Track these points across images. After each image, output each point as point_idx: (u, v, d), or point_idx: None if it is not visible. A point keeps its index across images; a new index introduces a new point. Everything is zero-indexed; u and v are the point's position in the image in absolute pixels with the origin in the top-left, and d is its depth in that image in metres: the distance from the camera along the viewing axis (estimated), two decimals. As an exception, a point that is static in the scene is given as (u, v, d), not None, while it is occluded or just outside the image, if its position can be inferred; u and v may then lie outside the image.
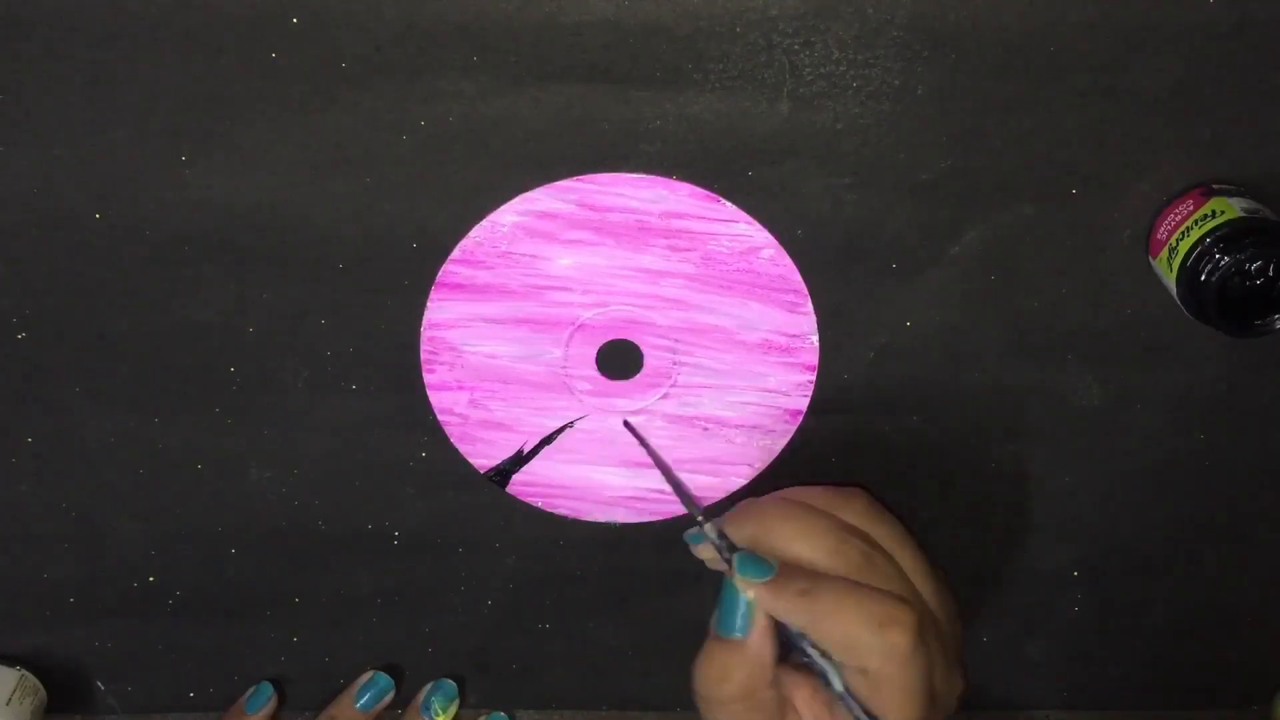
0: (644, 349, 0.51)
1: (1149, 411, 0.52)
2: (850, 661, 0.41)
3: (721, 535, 0.44)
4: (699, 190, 0.48)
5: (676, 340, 0.50)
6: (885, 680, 0.40)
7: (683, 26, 0.45)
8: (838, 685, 0.41)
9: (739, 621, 0.41)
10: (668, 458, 0.52)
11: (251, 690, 0.56)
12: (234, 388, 0.51)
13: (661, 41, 0.45)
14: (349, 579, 0.55)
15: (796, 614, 0.41)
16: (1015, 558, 0.55)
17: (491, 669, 0.57)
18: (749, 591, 0.41)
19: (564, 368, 0.51)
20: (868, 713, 0.40)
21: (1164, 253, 0.47)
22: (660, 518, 0.53)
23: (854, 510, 0.44)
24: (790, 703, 0.42)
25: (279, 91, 0.45)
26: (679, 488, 0.50)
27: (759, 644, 0.41)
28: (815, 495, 0.45)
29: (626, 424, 0.51)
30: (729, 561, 0.43)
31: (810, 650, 0.41)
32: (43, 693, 0.55)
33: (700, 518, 0.45)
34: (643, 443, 0.51)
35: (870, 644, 0.40)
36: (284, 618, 0.56)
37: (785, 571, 0.42)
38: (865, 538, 0.43)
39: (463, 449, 0.52)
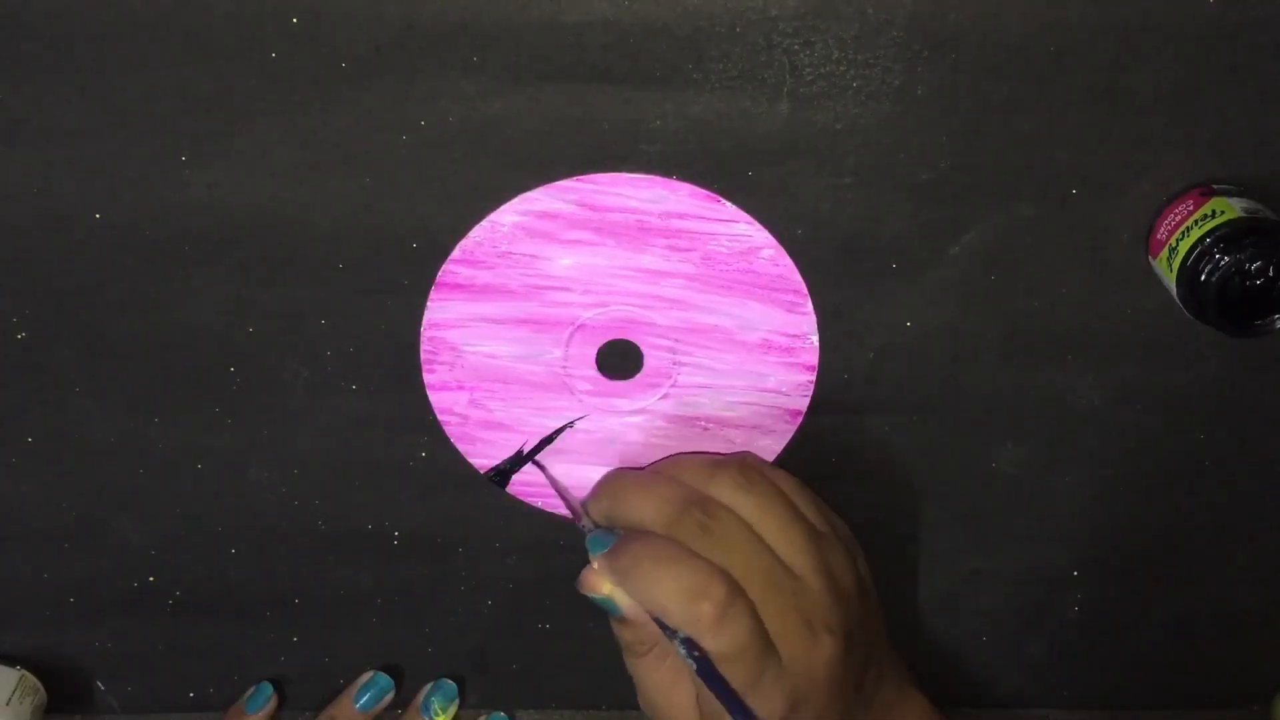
0: (644, 349, 0.51)
1: (1149, 411, 0.52)
2: (670, 625, 0.43)
3: (585, 515, 0.48)
4: (699, 190, 0.48)
5: (676, 340, 0.50)
6: (705, 648, 0.42)
7: (683, 26, 0.45)
8: (678, 636, 0.43)
9: (608, 601, 0.45)
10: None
11: (251, 690, 0.56)
12: (234, 388, 0.51)
13: (661, 41, 0.45)
14: (349, 579, 0.55)
15: (626, 585, 0.44)
16: (1015, 558, 0.55)
17: (491, 669, 0.57)
18: (594, 564, 0.45)
19: (564, 368, 0.51)
20: (699, 652, 0.42)
21: (1164, 253, 0.47)
22: (660, 518, 0.53)
23: (719, 482, 0.45)
24: None
25: (279, 91, 0.45)
26: (565, 496, 0.51)
27: (634, 614, 0.45)
28: (686, 466, 0.46)
29: (537, 463, 0.52)
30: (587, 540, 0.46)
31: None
32: (43, 693, 0.55)
33: (585, 514, 0.48)
34: (544, 472, 0.52)
35: (679, 615, 0.42)
36: (284, 618, 0.56)
37: (621, 544, 0.44)
38: (719, 508, 0.44)
39: (463, 449, 0.52)
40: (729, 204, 0.48)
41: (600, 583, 0.45)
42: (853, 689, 0.45)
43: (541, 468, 0.52)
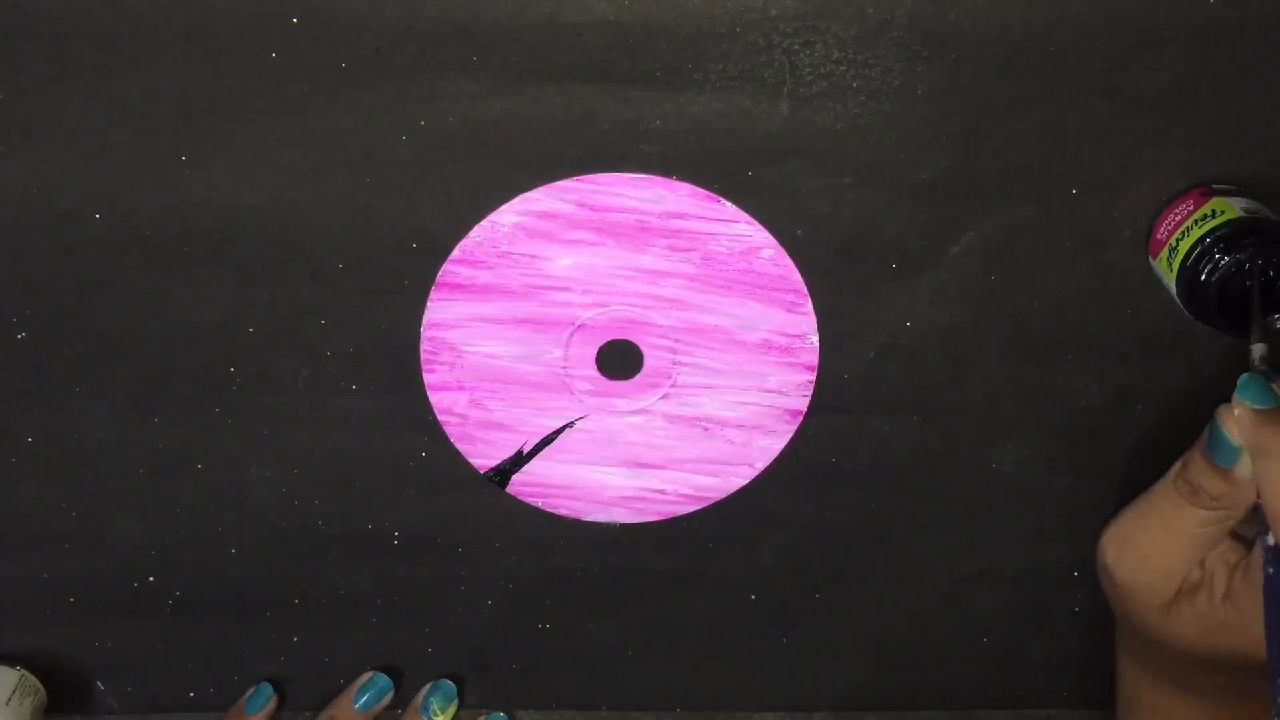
0: (644, 349, 0.51)
1: (1149, 411, 0.52)
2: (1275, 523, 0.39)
3: (1264, 359, 0.43)
4: (699, 190, 0.48)
5: (676, 340, 0.50)
6: None
7: (683, 26, 0.45)
8: (1271, 540, 0.40)
9: (1226, 456, 0.41)
10: (665, 457, 0.52)
11: (251, 690, 0.56)
12: (234, 388, 0.51)
13: (661, 41, 0.45)
14: (349, 579, 0.55)
15: (1260, 454, 0.39)
16: (1015, 558, 0.55)
17: (491, 669, 0.57)
18: (1234, 410, 0.40)
19: (564, 368, 0.51)
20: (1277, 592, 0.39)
21: (1164, 253, 0.47)
22: (660, 518, 0.53)
23: None
24: (1242, 572, 0.42)
25: (279, 91, 0.45)
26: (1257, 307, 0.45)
27: (1242, 477, 0.40)
28: None
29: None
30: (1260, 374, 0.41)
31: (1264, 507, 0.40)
32: (43, 693, 0.55)
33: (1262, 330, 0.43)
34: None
35: None
36: (284, 618, 0.56)
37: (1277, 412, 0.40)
38: None
39: (463, 449, 0.52)
40: (729, 204, 0.48)
41: (1234, 426, 0.41)
42: None
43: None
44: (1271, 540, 0.40)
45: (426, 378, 0.51)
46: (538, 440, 0.52)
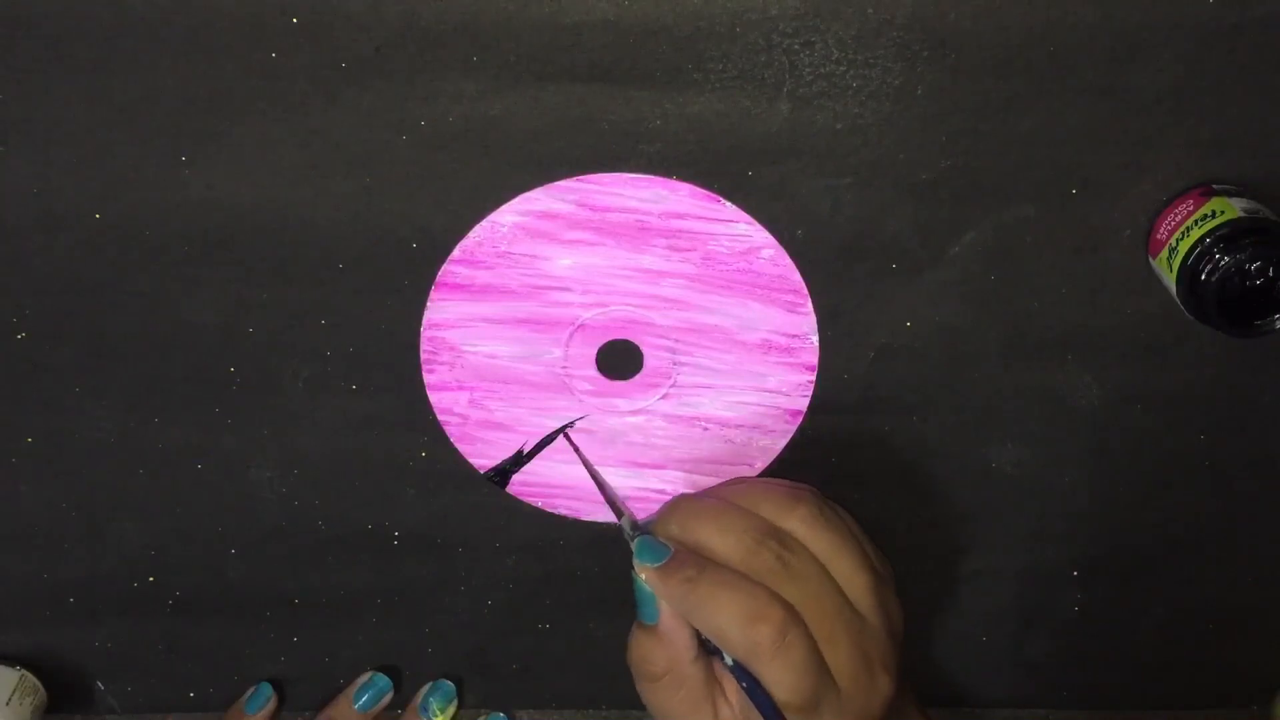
0: (644, 349, 0.51)
1: (1149, 411, 0.52)
2: (725, 651, 0.43)
3: (635, 525, 0.47)
4: (699, 190, 0.48)
5: (676, 340, 0.50)
6: (759, 673, 0.42)
7: (683, 26, 0.45)
8: (728, 660, 0.43)
9: (648, 609, 0.44)
10: (665, 457, 0.52)
11: (251, 690, 0.56)
12: (234, 388, 0.51)
13: (661, 41, 0.45)
14: (349, 579, 0.55)
15: (680, 601, 0.44)
16: (1015, 558, 0.55)
17: (491, 669, 0.57)
18: (642, 574, 0.44)
19: (564, 368, 0.51)
20: (756, 686, 0.43)
21: (1164, 253, 0.47)
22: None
23: (797, 517, 0.45)
24: (722, 685, 0.45)
25: (279, 91, 0.45)
26: (604, 488, 0.51)
27: (671, 629, 0.44)
28: (764, 495, 0.46)
29: (565, 435, 0.52)
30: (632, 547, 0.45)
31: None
32: (43, 693, 0.55)
33: (623, 513, 0.48)
34: (578, 452, 0.52)
35: (735, 637, 0.42)
36: (284, 618, 0.56)
37: (678, 558, 0.44)
38: (795, 543, 0.44)
39: (463, 449, 0.52)
40: (729, 204, 0.48)
41: (640, 570, 0.44)
42: None
43: (577, 449, 0.52)
44: (729, 660, 0.43)
45: (426, 378, 0.51)
46: (538, 440, 0.52)
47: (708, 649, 0.45)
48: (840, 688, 0.43)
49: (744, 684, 0.43)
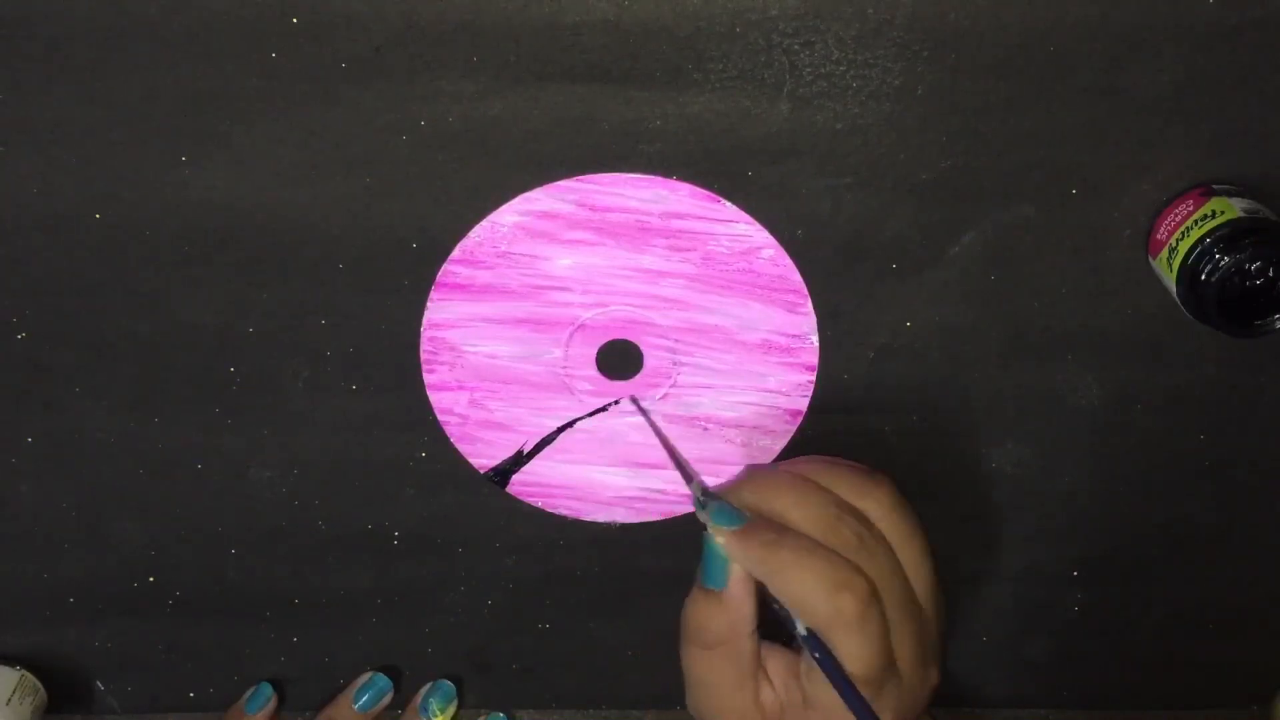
0: (644, 349, 0.51)
1: (1149, 411, 0.52)
2: (804, 618, 0.42)
3: (705, 491, 0.45)
4: (699, 190, 0.48)
5: (676, 340, 0.50)
6: (834, 643, 0.41)
7: (683, 26, 0.45)
8: (801, 629, 0.42)
9: (718, 573, 0.43)
10: (667, 457, 0.52)
11: (251, 690, 0.56)
12: (234, 388, 0.51)
13: (661, 41, 0.45)
14: (349, 579, 0.55)
15: (759, 564, 0.42)
16: (1015, 558, 0.55)
17: (491, 669, 0.57)
18: (718, 538, 0.43)
19: (564, 368, 0.51)
20: (829, 656, 0.42)
21: (1164, 253, 0.47)
22: (660, 518, 0.53)
23: (874, 499, 0.44)
24: (765, 666, 0.45)
25: (279, 91, 0.45)
26: (675, 456, 0.50)
27: (737, 596, 0.43)
28: (838, 473, 0.45)
29: (633, 399, 0.51)
30: (706, 510, 0.44)
31: (777, 599, 0.43)
32: (43, 693, 0.55)
33: (693, 478, 0.47)
34: (646, 416, 0.51)
35: (819, 604, 0.41)
36: (284, 618, 0.56)
37: (756, 523, 0.43)
38: (869, 524, 0.44)
39: (463, 449, 0.52)
40: (729, 204, 0.48)
41: (716, 534, 0.43)
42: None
43: (644, 412, 0.51)
44: (802, 629, 0.42)
45: (426, 378, 0.51)
46: (538, 440, 0.52)
47: (778, 618, 0.43)
48: (900, 672, 0.43)
49: (816, 654, 0.41)
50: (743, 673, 0.44)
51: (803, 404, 0.52)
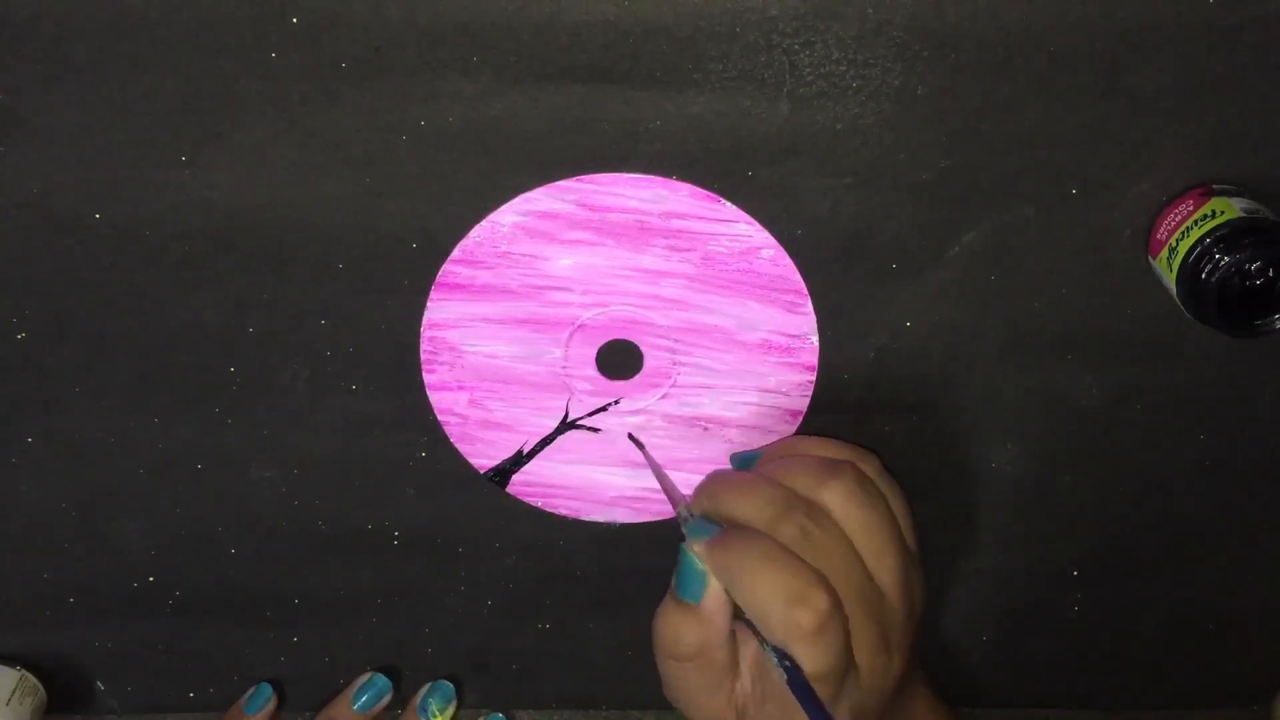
0: (644, 349, 0.51)
1: (1149, 411, 0.52)
2: (761, 629, 0.42)
3: (688, 509, 0.46)
4: (699, 190, 0.48)
5: (676, 340, 0.50)
6: (793, 652, 0.41)
7: (683, 26, 0.45)
8: (770, 653, 0.42)
9: (693, 586, 0.44)
10: (665, 457, 0.52)
11: (251, 691, 0.56)
12: (234, 388, 0.51)
13: (661, 41, 0.45)
14: (349, 579, 0.55)
15: (723, 573, 0.43)
16: (1015, 558, 0.55)
17: (491, 669, 0.58)
18: (693, 548, 0.44)
19: (564, 368, 0.51)
20: (791, 663, 0.41)
21: (1164, 253, 0.47)
22: (660, 518, 0.53)
23: (829, 490, 0.44)
24: (737, 666, 0.45)
25: (279, 91, 0.45)
26: (664, 481, 0.50)
27: (712, 609, 0.44)
28: (796, 468, 0.45)
29: (631, 437, 0.52)
30: (685, 525, 0.45)
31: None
32: (43, 693, 0.55)
33: (679, 501, 0.48)
34: (641, 449, 0.52)
35: (778, 617, 0.41)
36: (284, 618, 0.56)
37: (728, 532, 0.43)
38: (824, 516, 0.44)
39: (463, 449, 0.52)
40: (729, 204, 0.48)
41: (692, 544, 0.44)
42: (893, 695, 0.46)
43: (640, 445, 0.51)
44: (770, 652, 0.42)
45: (426, 378, 0.51)
46: (537, 440, 0.52)
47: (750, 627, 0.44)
48: (857, 665, 0.43)
49: (785, 665, 0.42)
50: (718, 678, 0.45)
51: (803, 404, 0.52)
